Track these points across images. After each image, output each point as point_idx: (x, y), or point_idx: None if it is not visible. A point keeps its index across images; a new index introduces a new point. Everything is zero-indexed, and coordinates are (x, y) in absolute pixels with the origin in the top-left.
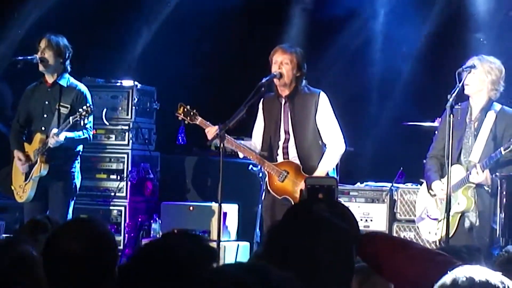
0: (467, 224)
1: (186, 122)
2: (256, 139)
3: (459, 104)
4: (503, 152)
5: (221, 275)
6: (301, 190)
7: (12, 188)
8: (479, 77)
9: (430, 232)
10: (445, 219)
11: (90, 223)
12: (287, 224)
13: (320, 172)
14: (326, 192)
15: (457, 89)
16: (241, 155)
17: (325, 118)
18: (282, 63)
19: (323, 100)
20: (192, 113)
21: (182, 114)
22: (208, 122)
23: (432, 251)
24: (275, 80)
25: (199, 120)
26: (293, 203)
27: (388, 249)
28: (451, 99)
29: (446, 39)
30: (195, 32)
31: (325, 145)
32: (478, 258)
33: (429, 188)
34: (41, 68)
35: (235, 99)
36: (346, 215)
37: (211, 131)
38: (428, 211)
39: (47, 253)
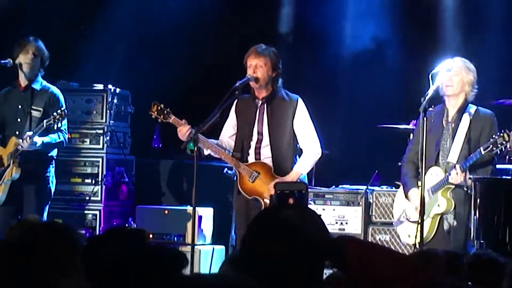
0: (446, 226)
1: (159, 120)
2: (225, 139)
3: (433, 106)
4: (482, 152)
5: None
6: (271, 196)
7: None
8: (461, 78)
9: (410, 236)
10: (420, 223)
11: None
12: (255, 230)
13: (293, 174)
14: (296, 198)
15: (431, 91)
16: (207, 152)
17: (303, 123)
18: (256, 66)
19: (301, 106)
20: (165, 112)
21: (156, 113)
22: (182, 121)
23: (402, 255)
24: (251, 83)
25: (172, 119)
26: (262, 204)
27: (360, 254)
28: (424, 102)
29: (419, 40)
30: (170, 35)
31: (299, 151)
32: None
33: (406, 194)
34: (25, 70)
35: (209, 103)
36: (315, 221)
37: (182, 130)
38: (407, 214)
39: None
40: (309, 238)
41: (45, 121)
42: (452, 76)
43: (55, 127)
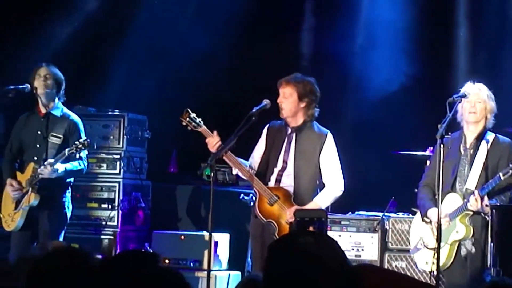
0: (463, 252)
1: (189, 128)
2: (253, 161)
3: (449, 134)
4: (502, 178)
5: None
6: (290, 223)
7: (1, 215)
8: (484, 106)
9: (427, 263)
10: (437, 250)
11: None
12: (273, 256)
13: (312, 205)
14: (316, 225)
15: (448, 118)
16: (235, 171)
17: (329, 158)
18: (284, 95)
19: (330, 141)
20: (197, 121)
21: (187, 120)
22: (214, 132)
23: (421, 282)
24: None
25: (202, 128)
26: (277, 228)
27: (378, 282)
28: (441, 129)
29: (439, 67)
30: (187, 62)
31: (322, 185)
32: None
33: (424, 215)
34: (38, 95)
35: (227, 128)
36: (334, 248)
37: (211, 141)
38: (424, 241)
39: None
40: (328, 266)
41: (67, 150)
42: (476, 102)
43: (77, 156)
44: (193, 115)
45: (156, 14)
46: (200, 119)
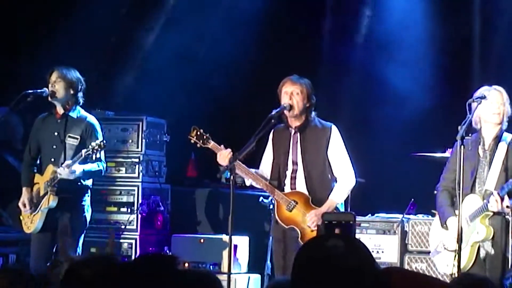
0: (482, 254)
1: (198, 145)
2: (264, 169)
3: (470, 135)
4: None
5: None
6: (318, 226)
7: (21, 218)
8: (504, 109)
9: (448, 265)
10: (458, 252)
11: None
12: (302, 259)
13: (329, 204)
14: (344, 228)
15: (468, 119)
16: (248, 182)
17: (337, 152)
18: (292, 93)
19: (335, 134)
20: (205, 137)
21: (195, 137)
22: (221, 146)
23: (447, 283)
24: (286, 112)
25: (211, 144)
26: (299, 233)
27: (407, 285)
28: (461, 131)
29: (457, 69)
30: (206, 65)
31: (335, 178)
32: None
33: (443, 224)
34: (51, 99)
35: (245, 132)
36: (362, 251)
37: (223, 154)
38: (445, 244)
39: None
40: (356, 269)
41: (83, 151)
42: (500, 105)
43: (94, 158)
44: (200, 131)
45: (179, 18)
46: (208, 135)
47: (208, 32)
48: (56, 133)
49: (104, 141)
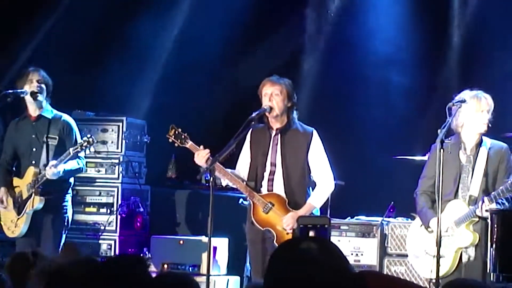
0: (464, 259)
1: (176, 145)
2: (241, 169)
3: (450, 138)
4: None
5: None
6: (293, 229)
7: (2, 223)
8: (489, 115)
9: (432, 271)
10: (437, 257)
11: None
12: (275, 262)
13: (307, 208)
14: (319, 231)
15: (448, 123)
16: (225, 183)
17: (317, 157)
18: (272, 94)
19: (316, 139)
20: (183, 136)
21: (173, 136)
22: (200, 147)
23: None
24: (266, 113)
25: (189, 144)
26: (275, 236)
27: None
28: (441, 134)
29: (436, 71)
30: (188, 66)
31: (312, 183)
32: None
33: (427, 225)
34: (34, 100)
35: (226, 134)
36: (336, 254)
37: (200, 154)
38: (426, 249)
39: None
40: (330, 272)
41: (71, 149)
42: (488, 114)
43: (83, 155)
44: (178, 130)
45: (160, 16)
46: (186, 134)
47: (187, 32)
48: (33, 136)
49: (93, 137)
